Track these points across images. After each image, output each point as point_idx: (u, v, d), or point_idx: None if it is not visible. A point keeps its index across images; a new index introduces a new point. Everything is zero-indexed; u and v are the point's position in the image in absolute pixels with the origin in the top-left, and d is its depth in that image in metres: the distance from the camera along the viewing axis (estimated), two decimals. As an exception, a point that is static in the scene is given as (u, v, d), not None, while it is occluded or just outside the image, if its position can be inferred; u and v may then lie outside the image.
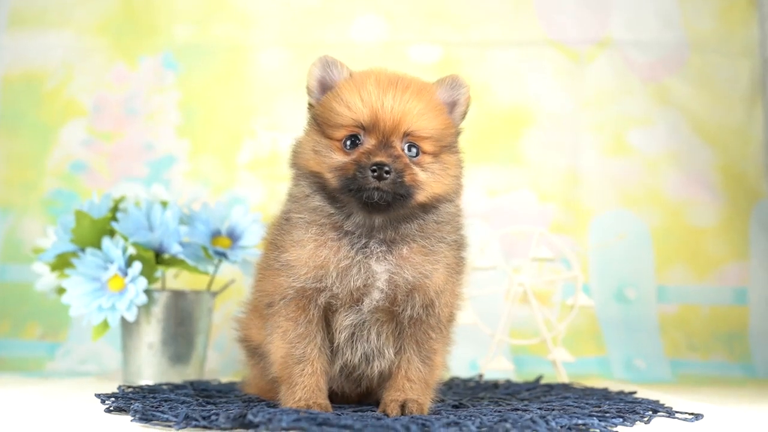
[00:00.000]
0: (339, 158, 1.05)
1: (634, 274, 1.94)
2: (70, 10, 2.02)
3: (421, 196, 1.05)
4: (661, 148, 1.99)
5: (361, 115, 1.04)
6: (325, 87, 1.09)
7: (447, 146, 1.08)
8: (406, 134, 1.04)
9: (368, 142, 1.04)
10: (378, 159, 1.01)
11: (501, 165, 1.98)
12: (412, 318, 1.09)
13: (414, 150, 1.05)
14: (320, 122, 1.08)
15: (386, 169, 1.01)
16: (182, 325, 1.56)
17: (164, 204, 1.58)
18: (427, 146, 1.06)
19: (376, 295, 1.06)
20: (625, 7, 2.01)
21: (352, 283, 1.05)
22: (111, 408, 1.12)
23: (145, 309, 1.54)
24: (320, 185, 1.07)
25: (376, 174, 1.01)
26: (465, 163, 1.12)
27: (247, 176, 1.97)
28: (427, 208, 1.07)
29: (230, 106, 2.01)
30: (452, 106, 1.11)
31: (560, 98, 2.01)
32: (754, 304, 1.94)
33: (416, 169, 1.04)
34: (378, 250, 1.06)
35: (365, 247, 1.06)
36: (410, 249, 1.06)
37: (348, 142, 1.05)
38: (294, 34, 2.02)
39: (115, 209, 1.57)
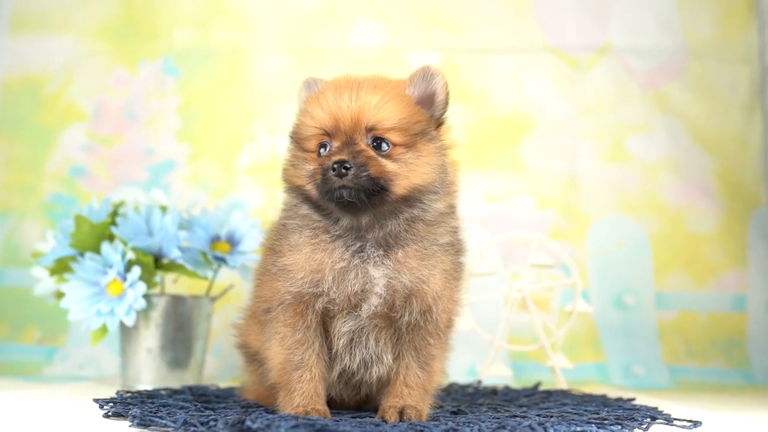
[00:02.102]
0: (311, 167, 1.07)
1: (633, 280, 1.95)
2: (70, 14, 2.02)
3: (398, 188, 1.04)
4: (660, 154, 1.99)
5: (323, 122, 1.06)
6: None
7: (419, 134, 1.06)
8: (369, 129, 1.04)
9: (334, 146, 1.05)
10: (337, 157, 1.02)
11: (500, 171, 1.99)
12: (410, 324, 1.09)
13: (384, 144, 1.05)
14: (295, 138, 1.10)
15: (346, 165, 1.01)
16: (181, 330, 1.56)
17: (164, 209, 1.58)
18: (394, 137, 1.05)
19: (374, 300, 1.07)
20: (625, 13, 2.02)
21: (349, 288, 1.06)
22: (109, 413, 1.12)
23: (143, 314, 1.54)
24: (305, 197, 1.08)
25: (335, 172, 1.01)
26: (464, 168, 1.12)
27: (247, 181, 1.98)
28: (410, 201, 1.05)
29: (230, 111, 2.01)
30: (431, 97, 1.09)
31: (559, 105, 2.01)
32: (753, 310, 1.94)
33: (384, 162, 1.04)
34: (375, 254, 1.06)
35: (361, 252, 1.06)
36: (405, 253, 1.06)
37: (320, 151, 1.07)
38: (294, 39, 2.03)
39: (114, 214, 1.57)
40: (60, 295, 1.58)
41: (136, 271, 1.48)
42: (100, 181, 1.97)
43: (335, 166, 1.01)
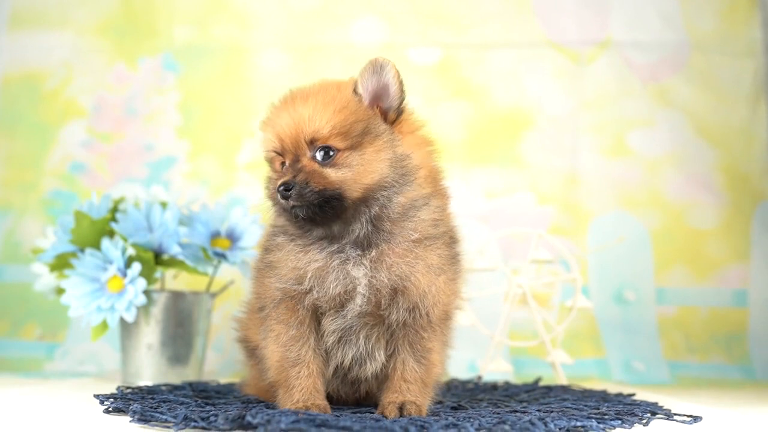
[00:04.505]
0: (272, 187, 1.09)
1: (634, 276, 1.94)
2: (70, 10, 2.02)
3: (351, 193, 1.04)
4: (662, 149, 1.99)
5: (273, 144, 1.08)
6: None
7: (363, 134, 1.05)
8: (311, 142, 1.05)
9: (286, 165, 1.07)
10: (281, 180, 1.04)
11: (500, 167, 1.99)
12: (399, 321, 1.08)
13: (330, 152, 1.05)
14: (265, 159, 1.13)
15: (287, 187, 1.03)
16: (181, 326, 1.56)
17: (164, 205, 1.58)
18: (337, 143, 1.04)
19: (358, 300, 1.06)
20: (626, 7, 2.01)
21: (332, 290, 1.06)
22: (110, 409, 1.12)
23: (144, 310, 1.54)
24: (280, 210, 1.09)
25: (281, 196, 1.03)
26: (464, 164, 1.11)
27: (247, 177, 1.98)
28: (367, 201, 1.05)
29: (230, 107, 2.01)
30: (385, 89, 1.08)
31: (560, 99, 2.01)
32: (754, 306, 1.94)
33: (328, 171, 1.04)
34: (354, 254, 1.06)
35: (341, 252, 1.06)
36: (381, 252, 1.06)
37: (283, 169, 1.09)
38: (294, 35, 2.03)
39: (114, 210, 1.57)
40: (60, 291, 1.59)
41: (137, 267, 1.48)
42: (100, 178, 1.97)
43: (280, 189, 1.03)
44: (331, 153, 1.05)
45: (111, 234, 1.54)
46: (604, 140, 2.00)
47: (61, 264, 1.56)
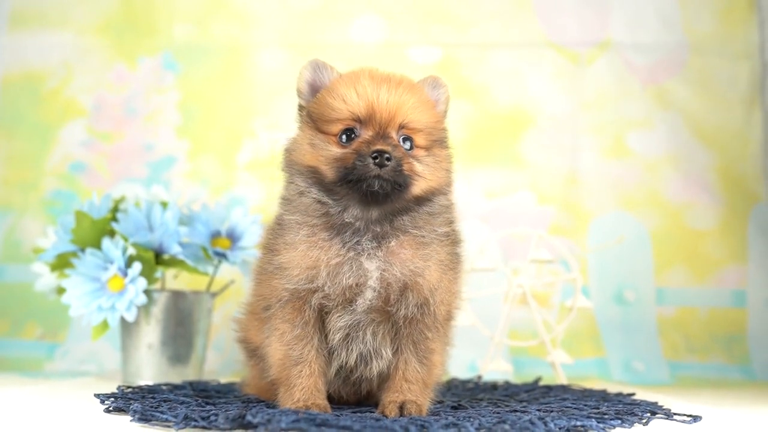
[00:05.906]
0: (336, 150, 1.06)
1: (633, 276, 1.95)
2: (70, 10, 2.02)
3: (417, 189, 1.06)
4: (661, 150, 1.99)
5: (358, 108, 1.05)
6: (315, 89, 1.12)
7: (438, 140, 1.10)
8: (401, 126, 1.06)
9: (366, 134, 1.05)
10: (379, 147, 1.02)
11: (500, 166, 1.99)
12: (407, 317, 1.08)
13: (408, 143, 1.07)
14: (315, 118, 1.09)
15: (387, 156, 1.02)
16: (182, 326, 1.56)
17: (164, 204, 1.58)
18: (420, 139, 1.07)
19: (368, 294, 1.06)
20: (625, 9, 2.02)
21: (344, 282, 1.05)
22: (110, 408, 1.12)
23: (144, 309, 1.54)
24: (316, 179, 1.07)
25: (377, 161, 1.01)
26: (464, 164, 1.13)
27: (247, 176, 1.98)
28: (421, 200, 1.07)
29: (230, 107, 2.01)
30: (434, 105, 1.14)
31: (560, 100, 2.01)
32: (753, 306, 1.94)
33: (412, 160, 1.06)
34: (369, 246, 1.06)
35: (357, 245, 1.06)
36: (400, 243, 1.06)
37: (344, 136, 1.06)
38: (293, 34, 2.03)
39: (115, 210, 1.57)
40: (61, 290, 1.59)
41: (137, 266, 1.48)
42: (100, 177, 1.97)
43: (375, 155, 1.01)
44: (411, 146, 1.07)
45: (112, 234, 1.54)
46: (604, 140, 2.00)
47: (61, 263, 1.56)
